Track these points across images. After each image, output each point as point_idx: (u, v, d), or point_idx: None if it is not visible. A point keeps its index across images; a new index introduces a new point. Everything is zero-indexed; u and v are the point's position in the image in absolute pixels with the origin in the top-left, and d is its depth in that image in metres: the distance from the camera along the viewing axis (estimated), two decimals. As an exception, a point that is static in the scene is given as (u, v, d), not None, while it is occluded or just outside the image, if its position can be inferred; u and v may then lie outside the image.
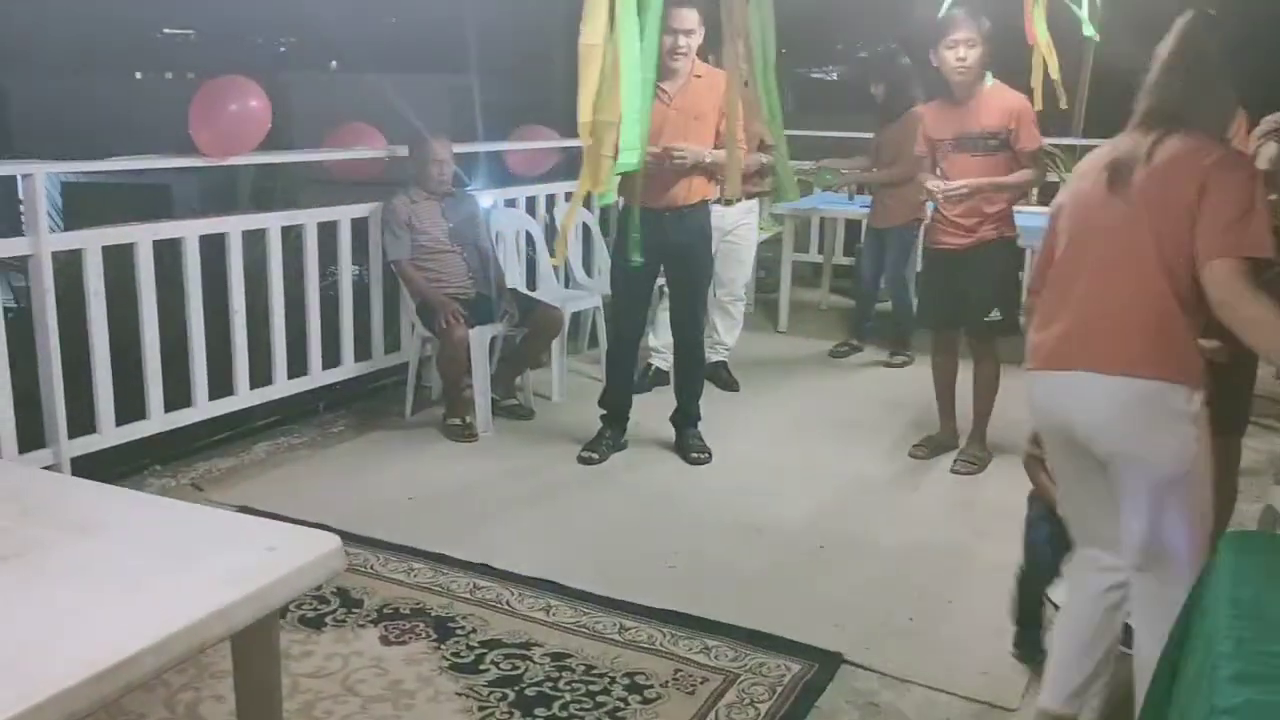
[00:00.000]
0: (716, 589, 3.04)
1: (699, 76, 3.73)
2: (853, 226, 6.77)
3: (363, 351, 4.51)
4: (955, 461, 3.96)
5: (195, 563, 1.57)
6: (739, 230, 4.82)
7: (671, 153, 3.64)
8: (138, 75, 17.18)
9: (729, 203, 4.56)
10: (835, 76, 14.00)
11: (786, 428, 4.53)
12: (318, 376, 4.30)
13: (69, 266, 3.54)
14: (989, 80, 3.71)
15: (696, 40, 3.69)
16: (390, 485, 3.77)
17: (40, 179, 3.27)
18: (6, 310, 3.33)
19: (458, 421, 4.26)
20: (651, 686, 2.56)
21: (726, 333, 4.98)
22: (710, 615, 2.87)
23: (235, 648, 1.65)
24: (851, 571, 3.20)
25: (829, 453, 4.19)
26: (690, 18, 3.64)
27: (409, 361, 4.50)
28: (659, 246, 3.82)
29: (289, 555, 1.59)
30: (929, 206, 4.03)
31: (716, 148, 3.74)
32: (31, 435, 3.35)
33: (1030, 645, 2.67)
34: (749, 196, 4.83)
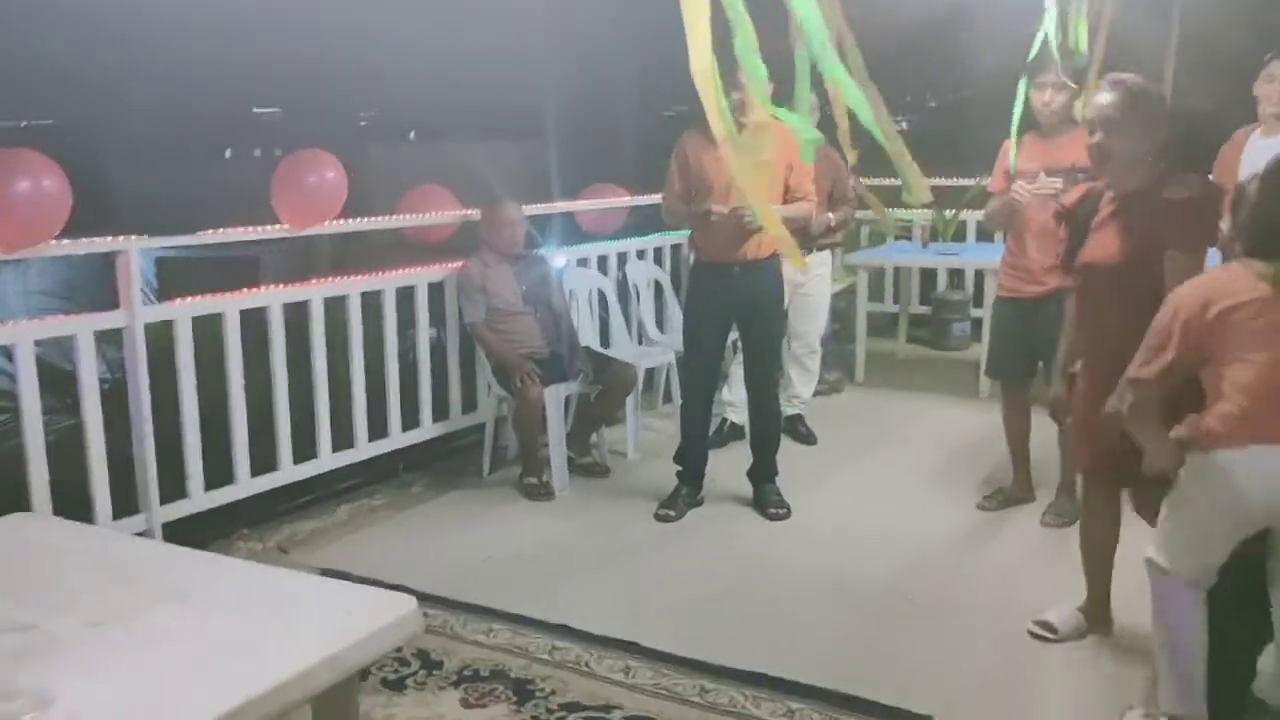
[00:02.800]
0: (799, 649, 2.97)
1: (764, 127, 3.74)
2: (927, 275, 6.71)
3: (440, 412, 4.57)
4: (1044, 514, 3.84)
5: (276, 627, 1.59)
6: (812, 282, 4.79)
7: (739, 215, 3.63)
8: (228, 153, 17.92)
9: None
10: (905, 125, 14.01)
11: (866, 481, 4.44)
12: (397, 438, 4.37)
13: (160, 338, 3.67)
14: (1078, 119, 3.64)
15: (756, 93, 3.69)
16: (469, 545, 3.79)
17: (134, 254, 3.42)
18: (102, 381, 3.45)
19: (535, 480, 4.28)
20: (735, 750, 2.50)
21: (802, 386, 4.94)
22: (793, 676, 2.80)
23: (316, 711, 1.66)
24: (939, 630, 3.10)
25: (910, 506, 4.09)
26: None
27: (486, 422, 4.55)
28: (730, 301, 3.82)
29: (366, 618, 1.60)
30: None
31: (785, 201, 3.73)
32: (125, 501, 3.45)
33: None
34: (821, 248, 4.81)
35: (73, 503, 3.30)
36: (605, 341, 5.09)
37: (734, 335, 4.24)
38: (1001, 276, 3.87)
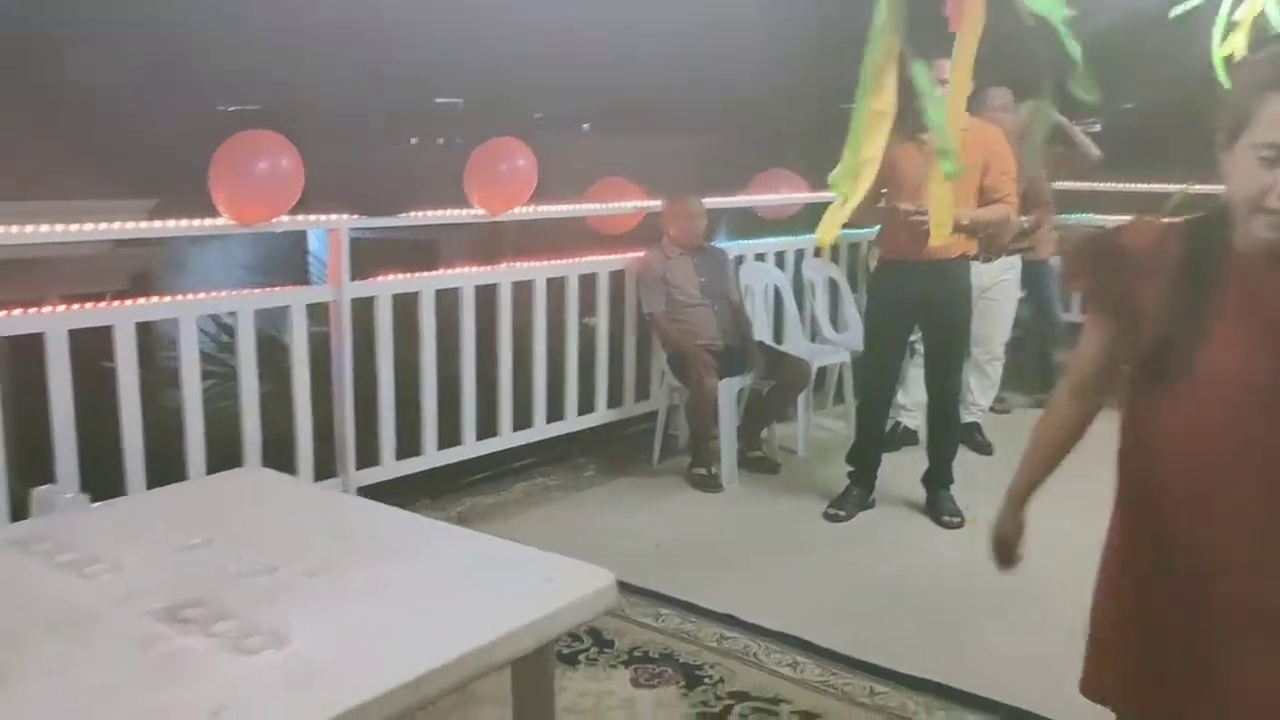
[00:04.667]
0: (972, 661, 2.89)
1: (964, 130, 3.64)
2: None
3: (615, 399, 4.67)
4: None
5: (484, 588, 1.67)
6: (998, 287, 4.63)
7: (921, 214, 3.53)
8: (413, 140, 18.71)
9: (988, 259, 4.42)
10: (1097, 128, 13.37)
11: (1044, 493, 4.26)
12: (573, 421, 4.49)
13: (360, 315, 3.87)
14: None
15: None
16: (638, 530, 3.85)
17: (344, 232, 3.63)
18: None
19: (704, 471, 4.31)
20: (905, 756, 2.47)
21: (981, 393, 4.79)
22: (966, 687, 2.73)
23: (515, 673, 1.73)
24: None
25: (1091, 524, 3.90)
26: (948, 67, 3.56)
27: (658, 410, 4.61)
28: (914, 302, 3.74)
29: (569, 588, 1.66)
30: None
31: (982, 205, 3.62)
32: (324, 465, 3.67)
33: None
34: (1010, 253, 4.65)
35: (276, 464, 3.54)
36: (778, 337, 5.07)
37: (914, 337, 4.16)
38: None
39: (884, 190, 3.76)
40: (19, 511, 2.88)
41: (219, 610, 1.56)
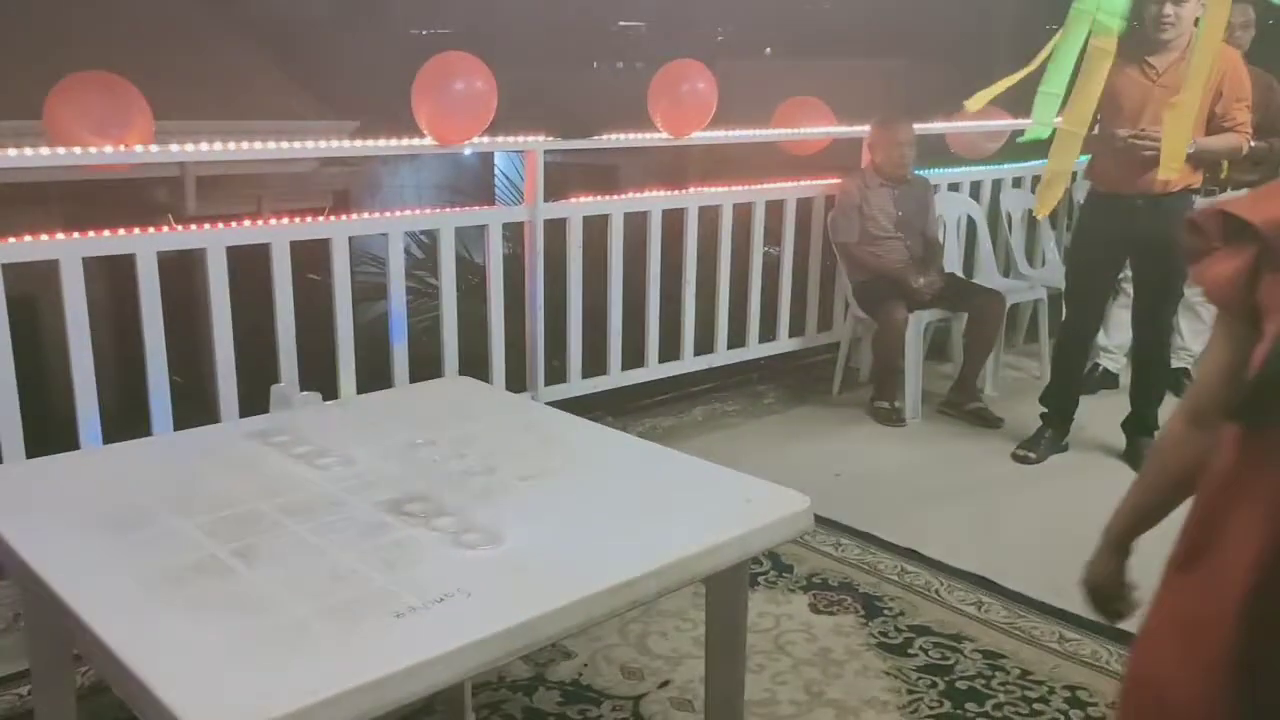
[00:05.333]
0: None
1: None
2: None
3: (797, 328, 4.62)
4: None
5: (684, 504, 1.71)
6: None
7: (1144, 141, 3.30)
8: (594, 65, 18.82)
9: (1209, 193, 4.09)
10: None
11: None
12: (754, 348, 4.49)
13: (551, 236, 3.96)
14: None
15: (1191, 10, 3.32)
16: (818, 460, 3.84)
17: (539, 154, 3.70)
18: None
19: (886, 405, 4.24)
20: (1096, 704, 2.40)
21: (1193, 337, 4.48)
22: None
23: (710, 589, 1.77)
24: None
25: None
26: None
27: (840, 341, 4.55)
28: (1128, 237, 3.52)
29: (767, 507, 1.68)
30: None
31: (1210, 131, 3.35)
32: (515, 381, 3.81)
33: None
34: (1236, 186, 4.29)
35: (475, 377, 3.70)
36: (970, 271, 4.88)
37: (1120, 275, 3.92)
38: None
39: (1098, 117, 3.54)
40: (243, 407, 3.13)
41: (439, 506, 1.66)
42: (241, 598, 1.39)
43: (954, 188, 4.99)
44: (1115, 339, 4.37)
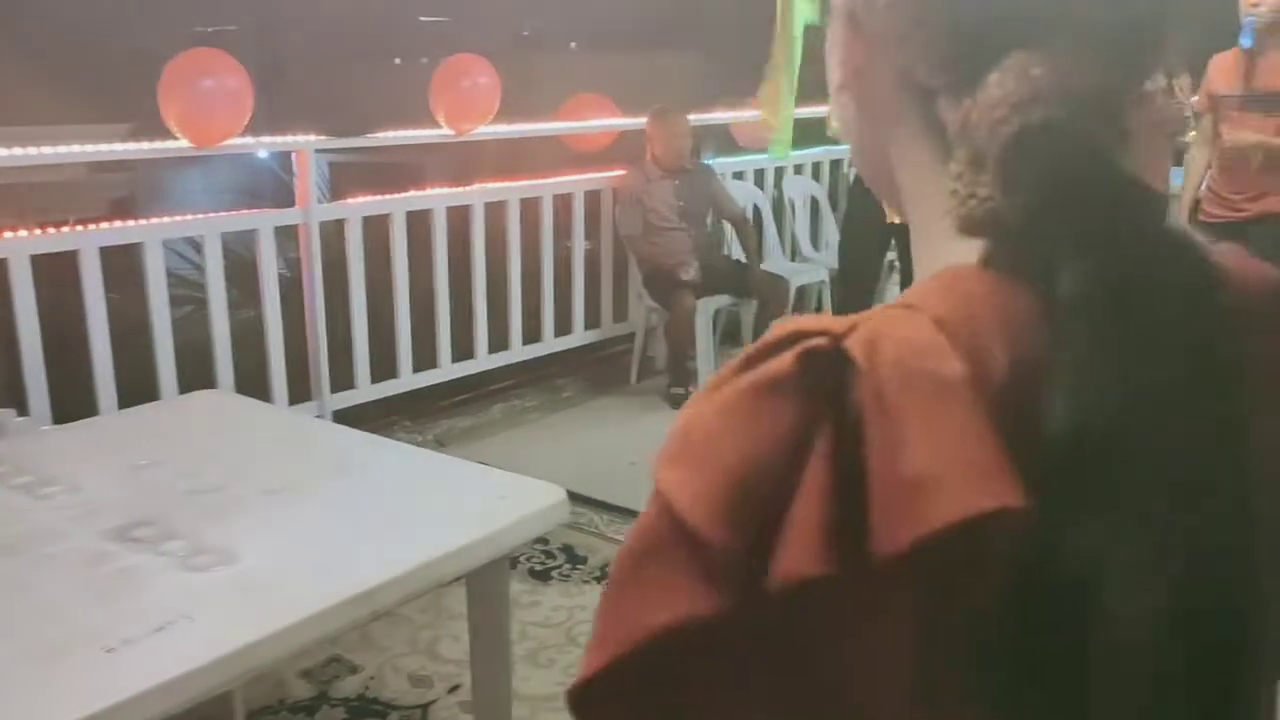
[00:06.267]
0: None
1: None
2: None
3: (592, 320, 4.65)
4: None
5: (438, 505, 1.68)
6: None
7: None
8: (396, 60, 18.37)
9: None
10: None
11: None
12: (550, 343, 4.48)
13: (333, 238, 3.85)
14: None
15: None
16: (615, 449, 3.87)
17: (310, 154, 3.57)
18: (281, 277, 3.65)
19: (682, 391, 4.32)
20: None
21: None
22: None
23: (470, 587, 1.76)
24: None
25: None
26: None
27: (635, 331, 4.61)
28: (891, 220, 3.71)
29: (518, 504, 1.67)
30: None
31: None
32: (299, 389, 3.67)
33: None
34: None
35: (251, 390, 3.53)
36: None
37: (891, 255, 4.13)
38: None
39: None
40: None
41: (169, 529, 1.57)
42: (-67, 646, 1.27)
43: (739, 176, 5.14)
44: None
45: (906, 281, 3.80)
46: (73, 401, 3.02)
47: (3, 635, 1.29)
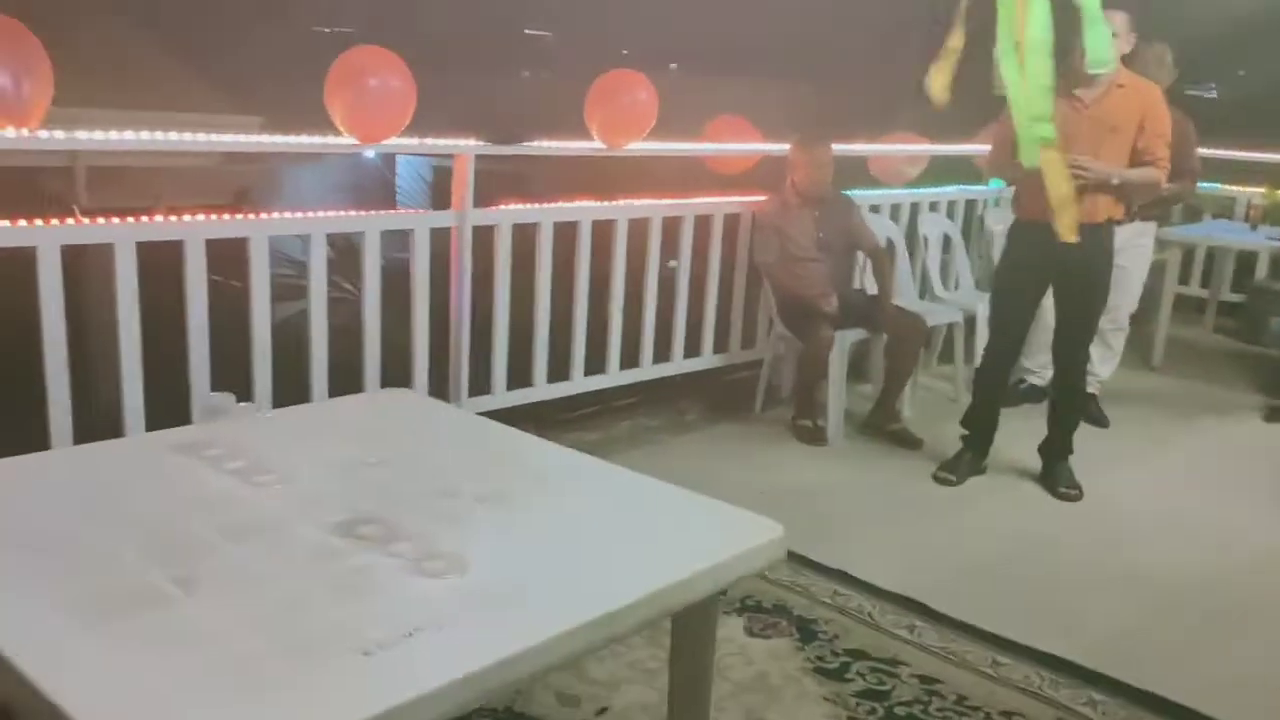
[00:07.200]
0: (1092, 638, 2.81)
1: (1121, 86, 3.46)
2: (1243, 259, 6.12)
3: (721, 344, 4.60)
4: None
5: (657, 530, 1.63)
6: (1129, 252, 4.42)
7: (1074, 169, 3.37)
8: (511, 72, 18.68)
9: (1119, 222, 4.22)
10: (1215, 94, 12.97)
11: (1164, 474, 4.13)
12: (679, 363, 4.44)
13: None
14: None
15: (1120, 46, 3.41)
16: (743, 478, 3.80)
17: (470, 158, 3.58)
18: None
19: (808, 424, 4.24)
20: (1032, 729, 2.41)
21: (1102, 364, 4.61)
22: (1092, 665, 2.65)
23: (677, 621, 1.70)
24: (1260, 645, 2.86)
25: (1218, 508, 3.77)
26: (1113, 20, 3.36)
27: (764, 358, 4.54)
28: (1051, 266, 3.59)
29: (741, 536, 1.62)
30: None
31: (1134, 165, 3.45)
32: (438, 390, 3.67)
33: None
34: (1145, 218, 4.45)
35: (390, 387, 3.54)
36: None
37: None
38: None
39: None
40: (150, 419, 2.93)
41: (395, 529, 1.54)
42: (185, 631, 1.26)
43: (874, 210, 5.05)
44: (1035, 359, 4.48)
45: (1063, 331, 3.66)
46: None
47: (254, 627, 1.27)
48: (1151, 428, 4.65)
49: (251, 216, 3.14)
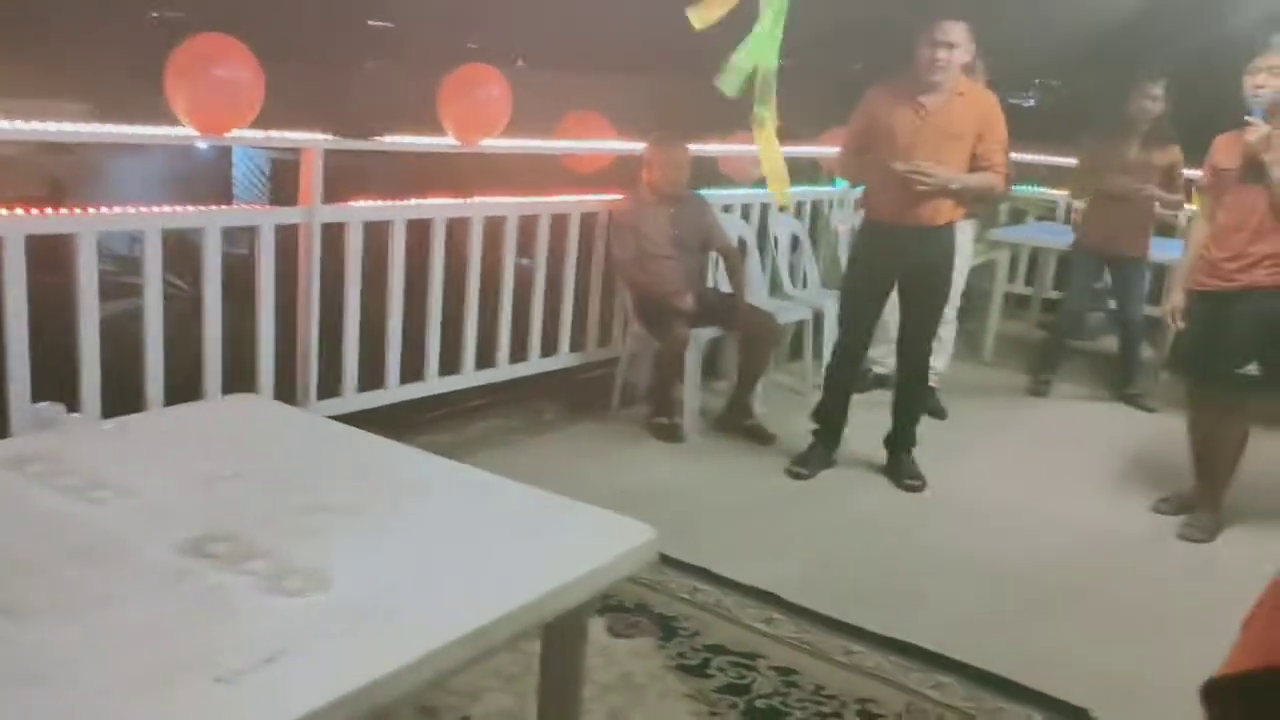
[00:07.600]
0: (937, 622, 2.94)
1: (961, 95, 3.62)
2: (1064, 259, 6.53)
3: (577, 343, 4.58)
4: (1183, 526, 3.69)
5: (526, 538, 1.61)
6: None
7: (918, 175, 3.52)
8: (354, 63, 18.09)
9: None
10: (1033, 103, 13.83)
11: (999, 463, 4.37)
12: (535, 363, 4.40)
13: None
14: None
15: (960, 56, 3.57)
16: (599, 477, 3.80)
17: (318, 153, 3.45)
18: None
19: (665, 421, 4.28)
20: (884, 717, 2.50)
21: (937, 356, 4.82)
22: (933, 648, 2.78)
23: (550, 632, 1.68)
24: (1087, 623, 3.06)
25: (1047, 494, 4.02)
26: (954, 30, 3.52)
27: (620, 357, 4.55)
28: (898, 265, 3.74)
29: (614, 540, 1.61)
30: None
31: (972, 170, 3.62)
32: (283, 394, 3.52)
33: None
34: (965, 217, 4.67)
35: (233, 390, 3.37)
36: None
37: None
38: (1197, 270, 3.61)
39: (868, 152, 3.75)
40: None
41: (248, 546, 1.46)
42: (18, 664, 1.15)
43: (726, 209, 5.13)
44: (877, 350, 4.64)
45: (907, 328, 3.82)
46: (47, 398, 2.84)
47: (100, 657, 1.18)
48: (986, 418, 4.92)
49: (78, 211, 2.92)
